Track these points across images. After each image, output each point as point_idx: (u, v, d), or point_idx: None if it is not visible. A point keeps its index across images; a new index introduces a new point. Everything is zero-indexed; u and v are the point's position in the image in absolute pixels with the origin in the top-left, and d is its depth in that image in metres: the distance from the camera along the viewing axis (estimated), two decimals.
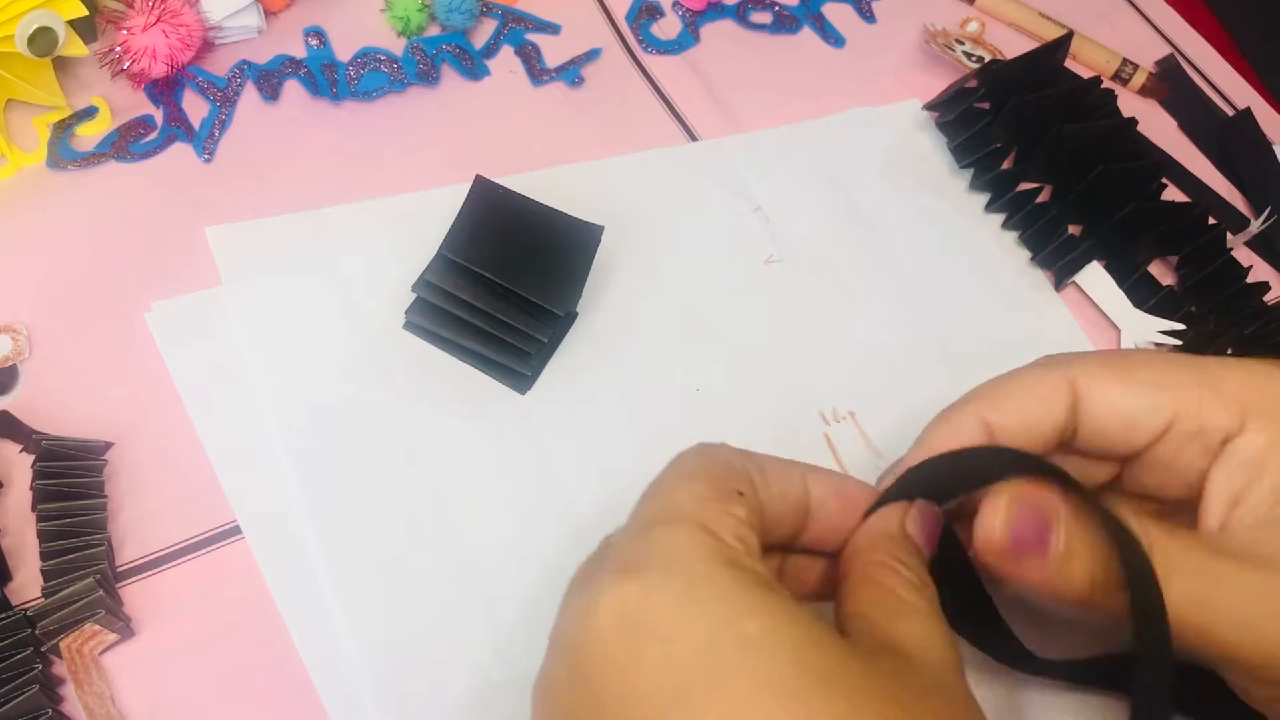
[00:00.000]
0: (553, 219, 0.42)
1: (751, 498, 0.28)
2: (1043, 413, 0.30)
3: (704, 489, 0.27)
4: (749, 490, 0.28)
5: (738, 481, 0.28)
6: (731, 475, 0.28)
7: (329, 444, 0.38)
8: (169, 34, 0.44)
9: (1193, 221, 0.48)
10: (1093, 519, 0.27)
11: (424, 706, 0.34)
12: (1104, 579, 0.27)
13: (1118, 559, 0.27)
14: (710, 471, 0.28)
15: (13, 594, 0.34)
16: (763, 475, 0.29)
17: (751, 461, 0.29)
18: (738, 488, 0.27)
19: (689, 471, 0.28)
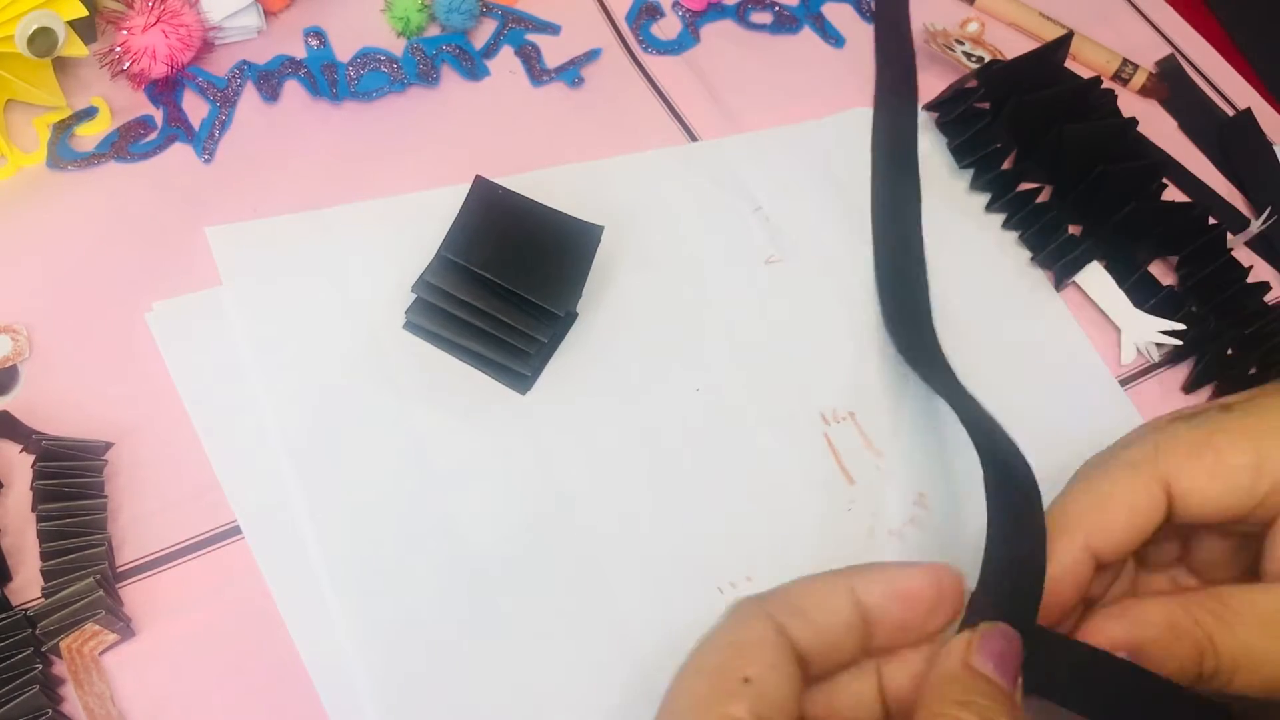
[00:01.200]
0: (553, 219, 0.42)
1: (766, 676, 0.26)
2: (1144, 522, 0.30)
3: (706, 689, 0.26)
4: (762, 668, 0.26)
5: (748, 663, 0.26)
6: (742, 658, 0.27)
7: (329, 444, 0.38)
8: (169, 34, 0.44)
9: (1193, 221, 0.48)
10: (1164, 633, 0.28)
11: (424, 706, 0.34)
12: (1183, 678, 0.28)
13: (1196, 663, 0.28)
14: (717, 661, 0.27)
15: (13, 594, 0.34)
16: (801, 616, 0.27)
17: (782, 607, 0.28)
18: (745, 673, 0.26)
19: (699, 665, 0.27)
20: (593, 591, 0.37)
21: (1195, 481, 0.30)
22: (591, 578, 0.37)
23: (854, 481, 0.41)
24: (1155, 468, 0.30)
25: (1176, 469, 0.30)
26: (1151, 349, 0.46)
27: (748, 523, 0.39)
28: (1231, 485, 0.30)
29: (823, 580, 0.29)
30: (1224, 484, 0.30)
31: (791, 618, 0.27)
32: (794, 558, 0.39)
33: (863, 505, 0.41)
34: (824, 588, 0.28)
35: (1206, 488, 0.30)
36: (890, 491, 0.41)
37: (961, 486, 0.42)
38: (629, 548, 0.38)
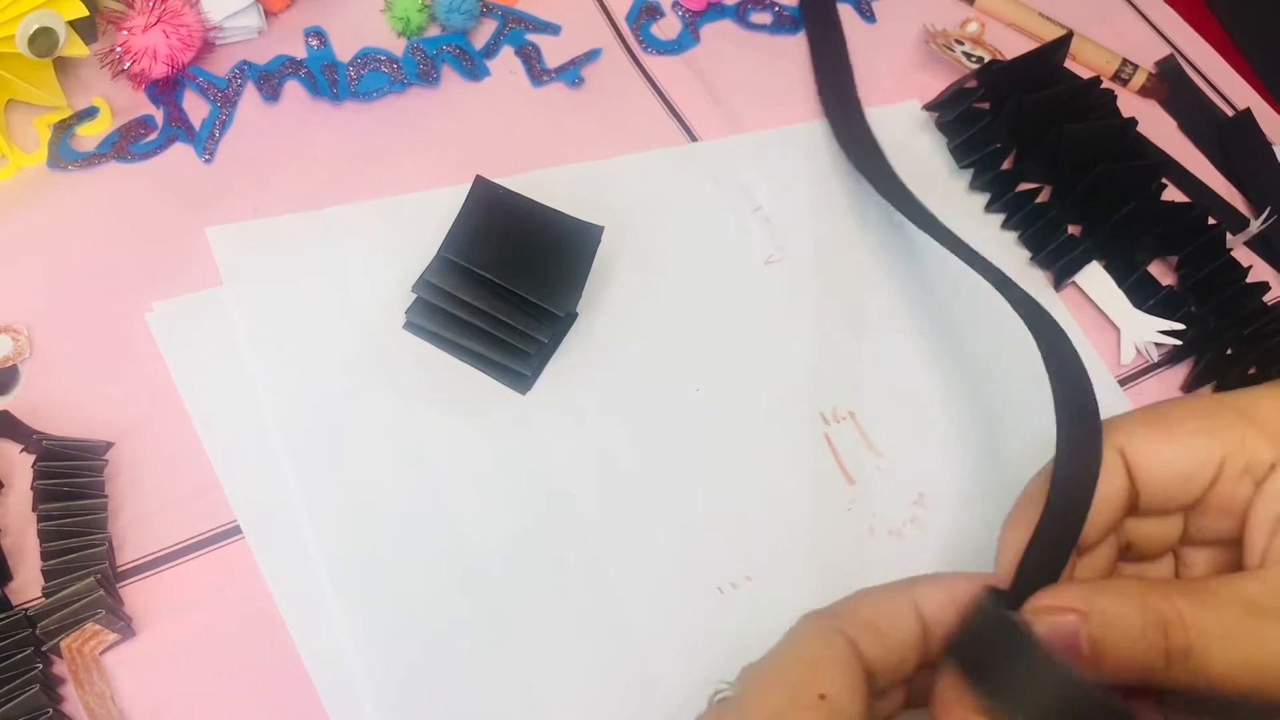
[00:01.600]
0: (553, 219, 0.42)
1: (841, 694, 0.27)
2: (1108, 488, 0.30)
3: (782, 702, 0.27)
4: (837, 686, 0.27)
5: (824, 680, 0.27)
6: (817, 675, 0.27)
7: (329, 444, 0.38)
8: (169, 34, 0.44)
9: (1193, 221, 0.48)
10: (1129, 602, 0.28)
11: (423, 706, 0.34)
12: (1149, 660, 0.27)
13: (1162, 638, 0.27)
14: (793, 676, 0.27)
15: (13, 594, 0.34)
16: (873, 632, 0.28)
17: (854, 623, 0.28)
18: (820, 690, 0.26)
19: (774, 677, 0.28)
20: (593, 591, 0.37)
21: (1149, 447, 0.30)
22: (591, 577, 0.37)
23: (854, 481, 0.41)
24: (1110, 439, 0.31)
25: (1129, 437, 0.30)
26: (1151, 349, 0.46)
27: (748, 523, 0.39)
28: (1184, 448, 0.30)
29: (889, 595, 0.29)
30: (1176, 448, 0.30)
31: (864, 634, 0.28)
32: (794, 558, 0.39)
33: (863, 505, 0.41)
34: (891, 603, 0.29)
35: (1160, 451, 0.30)
36: (890, 491, 0.41)
37: (961, 486, 0.42)
38: (629, 547, 0.38)
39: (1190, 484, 0.30)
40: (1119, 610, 0.27)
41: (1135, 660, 0.27)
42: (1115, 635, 0.27)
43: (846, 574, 0.39)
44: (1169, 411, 0.31)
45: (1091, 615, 0.27)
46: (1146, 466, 0.30)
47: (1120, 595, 0.28)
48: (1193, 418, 0.31)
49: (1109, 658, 0.27)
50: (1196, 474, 0.30)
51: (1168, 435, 0.30)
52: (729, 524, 0.39)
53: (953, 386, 0.44)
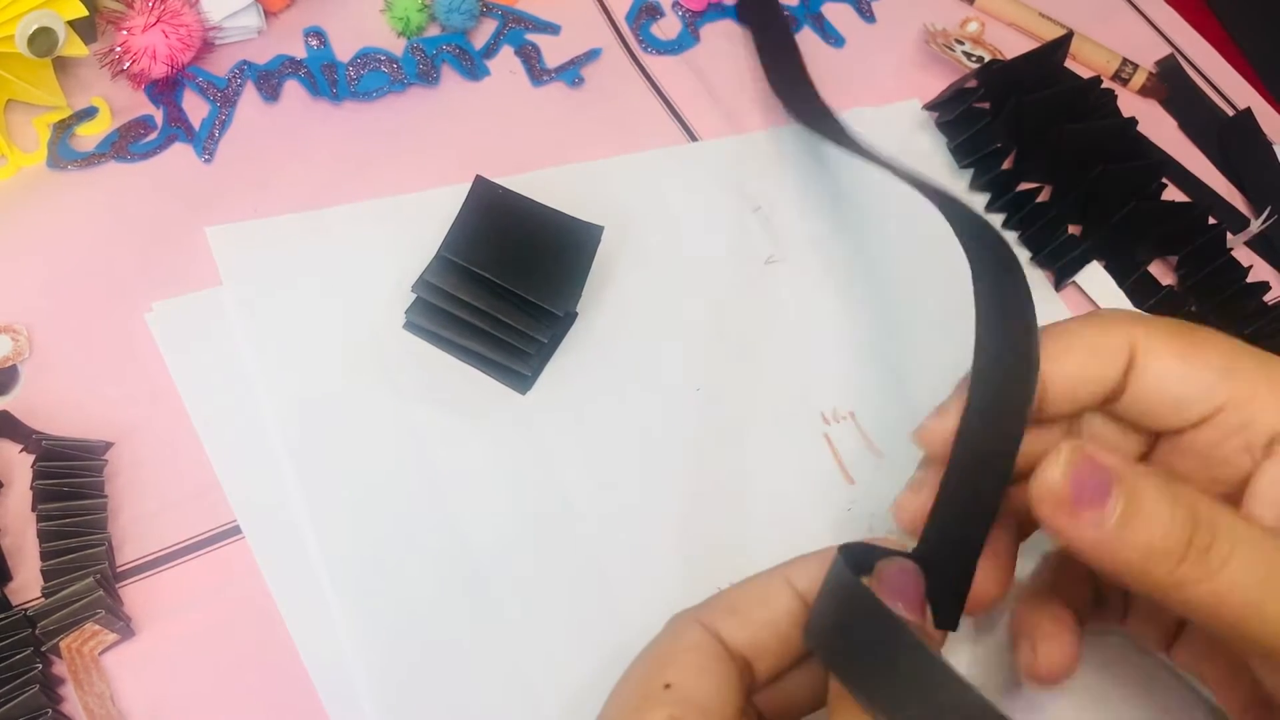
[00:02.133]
0: (553, 219, 0.42)
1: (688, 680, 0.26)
2: (1099, 371, 0.29)
3: (628, 696, 0.27)
4: (684, 673, 0.27)
5: (670, 669, 0.27)
6: (663, 665, 0.27)
7: (329, 444, 0.38)
8: (169, 34, 0.44)
9: (1193, 221, 0.48)
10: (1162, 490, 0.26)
11: (423, 706, 0.34)
12: (1162, 551, 0.25)
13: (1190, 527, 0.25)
14: (646, 669, 0.27)
15: (13, 594, 0.34)
16: (734, 615, 0.28)
17: (713, 611, 0.28)
18: (665, 679, 0.27)
19: (626, 675, 0.28)
20: (592, 591, 0.37)
21: (1162, 355, 0.29)
22: (591, 577, 0.37)
23: (854, 481, 0.41)
24: (1129, 327, 0.29)
25: (1148, 336, 0.29)
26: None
27: (747, 523, 0.39)
28: (1193, 375, 0.28)
29: (757, 577, 0.29)
30: (1187, 370, 0.28)
31: (724, 619, 0.28)
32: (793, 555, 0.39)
33: (863, 505, 0.41)
34: (756, 583, 0.29)
35: (1170, 365, 0.28)
36: (890, 492, 0.41)
37: None
38: (629, 547, 0.38)
39: (1181, 411, 0.29)
40: (1157, 486, 0.26)
41: (1152, 540, 0.25)
42: (1146, 506, 0.25)
43: None
44: (1200, 333, 0.29)
45: (1130, 479, 0.25)
46: (1150, 372, 0.29)
47: (1160, 476, 0.26)
48: (1218, 351, 0.29)
49: (1129, 531, 0.25)
50: (1192, 404, 0.28)
51: (1187, 353, 0.29)
52: (729, 524, 0.39)
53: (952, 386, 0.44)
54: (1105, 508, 0.25)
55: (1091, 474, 0.25)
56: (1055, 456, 0.26)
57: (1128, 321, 0.30)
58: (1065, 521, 0.26)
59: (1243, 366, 0.28)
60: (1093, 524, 0.25)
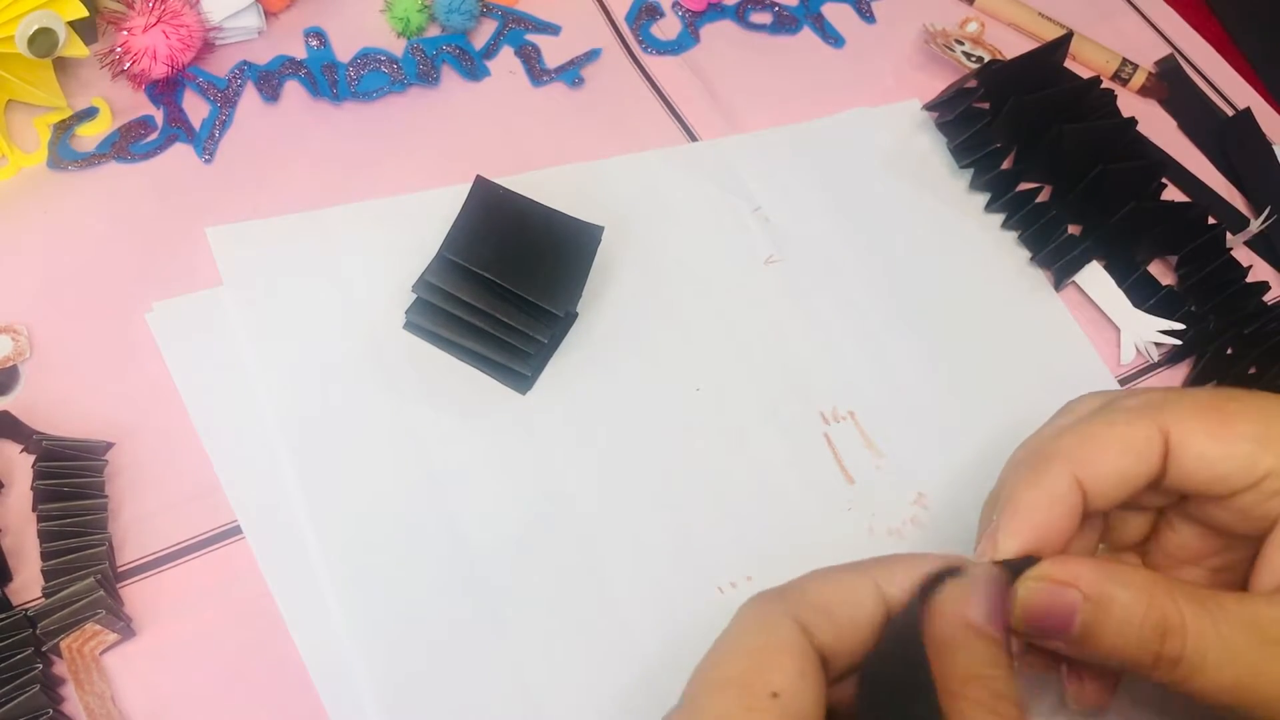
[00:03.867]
0: (553, 219, 0.42)
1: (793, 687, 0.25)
2: (1136, 468, 0.29)
3: (733, 704, 0.25)
4: (789, 679, 0.25)
5: (776, 674, 0.25)
6: (767, 670, 0.25)
7: (329, 444, 0.38)
8: (169, 35, 0.44)
9: (1193, 221, 0.48)
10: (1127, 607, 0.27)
11: (424, 706, 0.34)
12: (1137, 657, 0.26)
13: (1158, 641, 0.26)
14: (746, 671, 0.26)
15: (13, 594, 0.34)
16: (826, 615, 0.27)
17: (806, 607, 0.27)
18: (772, 687, 0.25)
19: (723, 676, 0.26)
20: (593, 591, 0.37)
21: (1195, 438, 0.29)
22: (591, 577, 0.37)
23: (854, 481, 0.41)
24: (1157, 415, 0.29)
25: (1178, 421, 0.29)
26: (1151, 348, 0.46)
27: (748, 523, 0.39)
28: (1232, 452, 0.28)
29: (845, 575, 0.28)
30: (1225, 449, 0.28)
31: (815, 617, 0.26)
32: (794, 558, 0.39)
33: (863, 505, 0.41)
34: (848, 583, 0.27)
35: (1206, 447, 0.28)
36: (890, 491, 0.41)
37: (961, 486, 0.42)
38: (629, 547, 0.38)
39: (1225, 484, 0.29)
40: (1122, 601, 0.26)
41: (1122, 653, 0.27)
42: (1111, 625, 0.26)
43: None
44: (1226, 404, 0.29)
45: (1094, 599, 0.26)
46: (1187, 456, 0.29)
47: (1127, 586, 0.27)
48: (1249, 420, 0.29)
49: (1096, 644, 0.26)
50: (1237, 477, 0.28)
51: (1221, 431, 0.29)
52: (729, 524, 0.39)
53: (952, 386, 0.44)
54: (1071, 629, 0.27)
55: (1054, 603, 0.27)
56: (1019, 587, 0.27)
57: (1154, 408, 0.29)
58: (1041, 640, 0.27)
59: (1276, 429, 0.28)
60: (1063, 639, 0.27)
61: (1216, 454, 0.29)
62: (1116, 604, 0.26)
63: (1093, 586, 0.27)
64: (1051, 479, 0.29)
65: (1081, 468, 0.29)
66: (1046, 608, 0.27)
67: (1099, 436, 0.30)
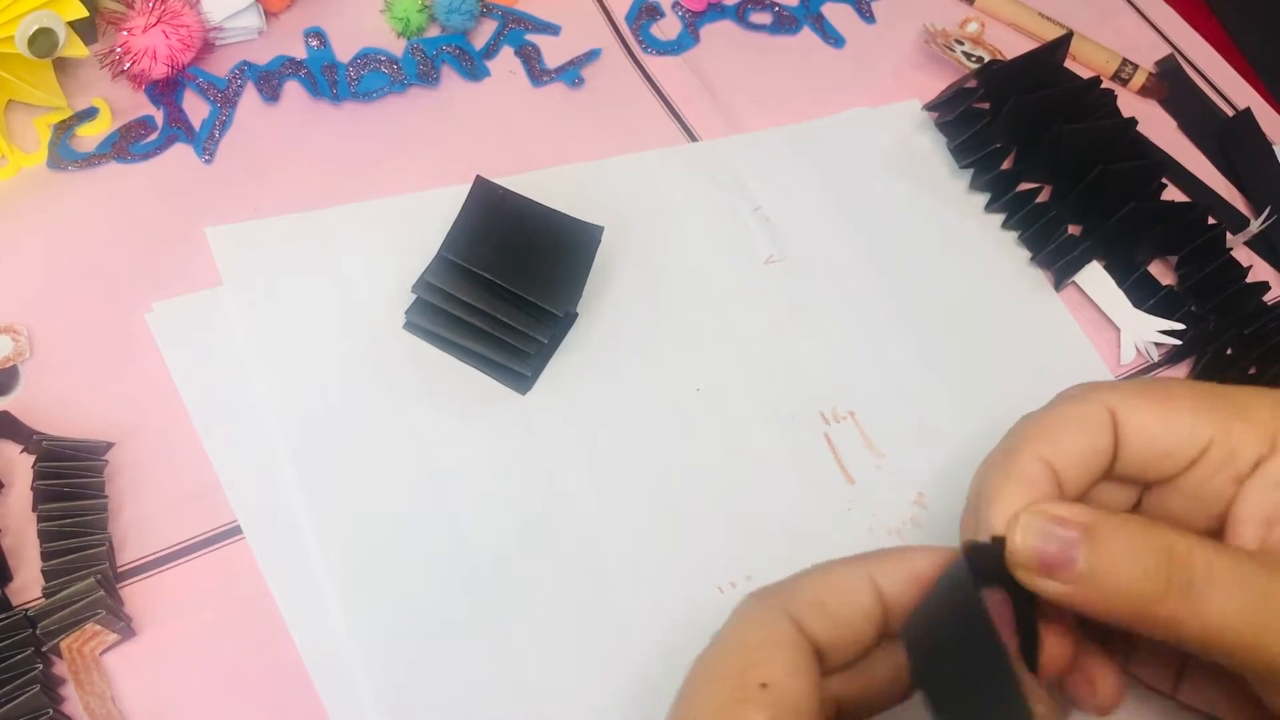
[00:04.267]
0: (553, 219, 0.42)
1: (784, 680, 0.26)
2: (1095, 444, 0.30)
3: (723, 695, 0.26)
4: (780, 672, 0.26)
5: (766, 667, 0.26)
6: (758, 663, 0.26)
7: (329, 444, 0.38)
8: (169, 35, 0.44)
9: (1193, 221, 0.48)
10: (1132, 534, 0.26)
11: (424, 706, 0.34)
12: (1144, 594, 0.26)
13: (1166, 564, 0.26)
14: (737, 664, 0.26)
15: (13, 594, 0.34)
16: (819, 610, 0.27)
17: (799, 602, 0.27)
18: (762, 678, 0.26)
19: (714, 669, 0.27)
20: (593, 591, 0.37)
21: (1138, 413, 0.30)
22: (591, 577, 0.37)
23: (854, 481, 0.41)
24: (1102, 397, 0.30)
25: (1122, 399, 0.30)
26: (1151, 348, 0.46)
27: (748, 523, 0.39)
28: (1173, 421, 0.29)
29: (840, 570, 0.28)
30: (1166, 419, 0.29)
31: (809, 612, 0.27)
32: (794, 558, 0.39)
33: (863, 505, 0.41)
34: (843, 578, 0.28)
35: (1148, 420, 0.29)
36: (890, 491, 0.41)
37: (961, 486, 0.41)
38: (629, 547, 0.38)
39: (1172, 458, 0.30)
40: (1125, 530, 0.26)
41: (1131, 585, 0.26)
42: (1117, 553, 0.26)
43: None
44: (1165, 386, 0.31)
45: (1096, 530, 0.26)
46: (1134, 431, 0.30)
47: (1128, 519, 0.27)
48: (1188, 396, 0.30)
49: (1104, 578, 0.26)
50: (1181, 450, 0.29)
51: (1162, 405, 0.30)
52: (729, 524, 0.39)
53: (952, 386, 0.44)
54: (1075, 565, 0.26)
55: (1055, 534, 0.26)
56: (1015, 523, 0.27)
57: (1098, 390, 0.30)
58: (1042, 583, 0.27)
59: (1215, 405, 0.30)
60: (1067, 580, 0.26)
61: (1160, 426, 0.29)
62: (1118, 534, 0.26)
63: (1089, 519, 0.26)
64: (1021, 464, 0.29)
65: (1047, 449, 0.30)
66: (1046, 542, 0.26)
67: (1055, 417, 0.31)
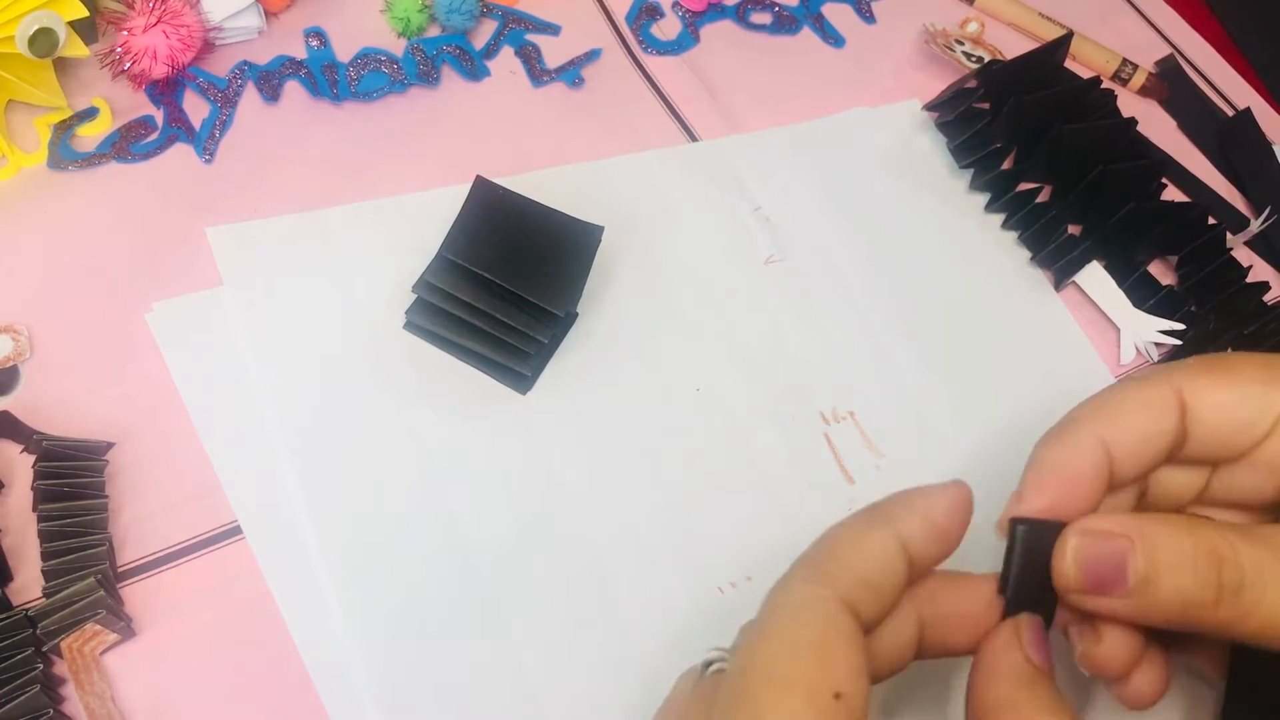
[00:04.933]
0: (553, 219, 0.42)
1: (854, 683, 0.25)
2: (1158, 425, 0.29)
3: (799, 706, 0.24)
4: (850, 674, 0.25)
5: (837, 673, 0.25)
6: (833, 667, 0.25)
7: (329, 444, 0.38)
8: (169, 35, 0.44)
9: (1193, 221, 0.48)
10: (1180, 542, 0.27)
11: (424, 706, 0.34)
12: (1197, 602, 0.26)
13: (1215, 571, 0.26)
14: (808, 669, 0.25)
15: (14, 594, 0.34)
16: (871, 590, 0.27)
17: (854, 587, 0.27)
18: (836, 688, 0.25)
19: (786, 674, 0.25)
20: (593, 591, 0.37)
21: (1207, 390, 0.29)
22: (592, 577, 0.37)
23: (854, 481, 0.41)
24: (1168, 378, 0.29)
25: (1189, 378, 0.29)
26: (1151, 348, 0.46)
27: (748, 523, 0.39)
28: (1244, 394, 0.29)
29: (872, 536, 0.28)
30: (1236, 393, 0.29)
31: (861, 593, 0.27)
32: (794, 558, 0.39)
33: (863, 505, 0.40)
34: (878, 546, 0.27)
35: (1219, 396, 0.29)
36: (890, 491, 0.41)
37: None
38: (629, 547, 0.38)
39: (1244, 434, 0.29)
40: (1171, 539, 0.26)
41: (1183, 594, 0.26)
42: (1165, 566, 0.26)
43: None
44: (1231, 360, 0.30)
45: (1143, 542, 0.26)
46: (1203, 410, 0.29)
47: (1171, 525, 0.27)
48: (1255, 366, 0.29)
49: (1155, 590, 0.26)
50: (1254, 423, 0.29)
51: (1229, 380, 0.29)
52: (729, 524, 0.39)
53: (952, 386, 0.44)
54: (1126, 583, 0.26)
55: (1104, 553, 0.27)
56: (1063, 546, 0.27)
57: (1163, 371, 0.30)
58: (1095, 604, 0.27)
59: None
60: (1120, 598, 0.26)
61: (1232, 400, 0.29)
62: (1165, 544, 0.26)
63: (1137, 531, 0.26)
64: (1076, 437, 0.29)
65: (1105, 428, 0.29)
66: (1099, 558, 0.26)
67: (1118, 397, 0.30)
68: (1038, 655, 0.27)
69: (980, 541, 0.30)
